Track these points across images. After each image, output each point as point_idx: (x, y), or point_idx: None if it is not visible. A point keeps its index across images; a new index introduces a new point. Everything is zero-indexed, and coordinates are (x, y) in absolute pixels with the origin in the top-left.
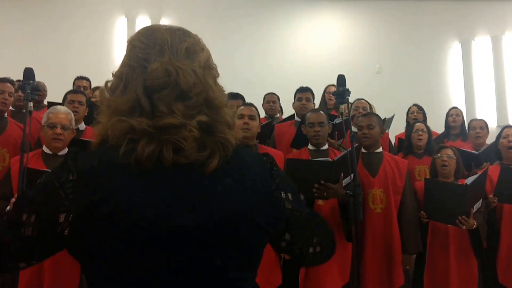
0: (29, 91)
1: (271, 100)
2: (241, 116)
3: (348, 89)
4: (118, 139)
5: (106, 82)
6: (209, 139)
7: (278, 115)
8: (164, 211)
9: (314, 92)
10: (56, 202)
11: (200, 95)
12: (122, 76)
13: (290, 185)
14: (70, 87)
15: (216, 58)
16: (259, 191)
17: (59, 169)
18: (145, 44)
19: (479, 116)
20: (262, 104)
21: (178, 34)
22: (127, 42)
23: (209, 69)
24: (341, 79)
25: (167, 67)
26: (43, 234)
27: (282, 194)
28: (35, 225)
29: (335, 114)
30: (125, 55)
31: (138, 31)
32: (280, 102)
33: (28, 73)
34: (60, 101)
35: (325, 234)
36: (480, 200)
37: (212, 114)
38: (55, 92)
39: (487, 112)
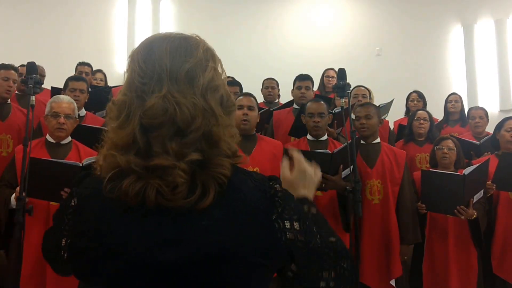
0: (31, 86)
1: (269, 86)
2: (240, 107)
3: (348, 83)
4: (106, 172)
5: (112, 101)
6: (203, 176)
7: (276, 100)
8: (146, 246)
9: (313, 74)
10: (60, 226)
11: (199, 129)
12: (125, 104)
13: (298, 213)
14: (69, 69)
15: (212, 41)
16: (253, 222)
17: (68, 194)
18: (143, 71)
19: (480, 100)
20: (261, 90)
21: (179, 53)
22: (128, 57)
23: (213, 90)
24: (341, 72)
25: (164, 104)
26: (56, 255)
27: (286, 224)
28: (53, 247)
29: (331, 97)
30: (126, 77)
31: (137, 49)
32: (279, 86)
33: (31, 67)
34: (59, 83)
35: (340, 269)
36: (482, 191)
37: (209, 148)
38: (54, 75)
39: (489, 97)
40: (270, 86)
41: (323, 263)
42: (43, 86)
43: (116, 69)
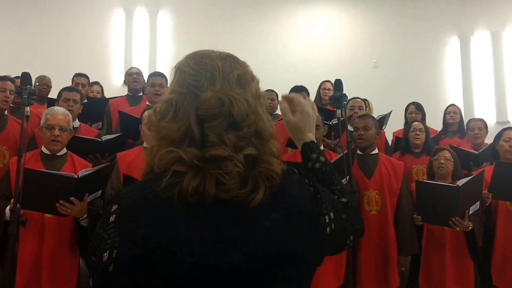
0: (25, 96)
1: (269, 98)
2: None
3: (345, 94)
4: (164, 169)
5: (155, 107)
6: (254, 172)
7: (276, 112)
8: (208, 248)
9: (310, 86)
10: (100, 243)
11: (252, 126)
12: (172, 102)
13: (331, 202)
14: (67, 81)
15: None
16: (307, 224)
17: (104, 213)
18: (196, 70)
19: (477, 112)
20: None
21: (229, 61)
22: (175, 67)
23: (259, 98)
24: (338, 83)
25: (220, 96)
26: (97, 274)
27: (326, 219)
28: (93, 265)
29: (331, 109)
30: (174, 80)
31: (187, 56)
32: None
33: (25, 78)
34: (56, 95)
35: (353, 226)
36: (478, 202)
37: (260, 146)
38: (53, 86)
39: (485, 109)
40: (269, 97)
41: (347, 231)
42: (49, 96)
43: (113, 82)
